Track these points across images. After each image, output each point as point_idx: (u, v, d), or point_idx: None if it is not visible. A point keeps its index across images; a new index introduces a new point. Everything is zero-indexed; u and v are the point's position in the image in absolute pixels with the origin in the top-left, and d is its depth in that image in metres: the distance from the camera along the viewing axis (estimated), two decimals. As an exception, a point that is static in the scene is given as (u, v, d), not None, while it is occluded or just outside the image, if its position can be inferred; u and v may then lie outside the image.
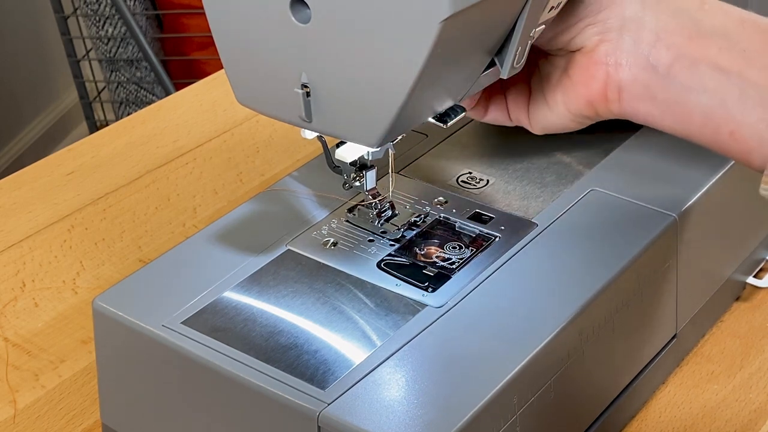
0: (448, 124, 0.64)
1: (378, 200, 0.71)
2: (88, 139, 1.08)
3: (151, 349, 0.65)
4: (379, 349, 0.62)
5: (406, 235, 0.70)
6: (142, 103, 2.37)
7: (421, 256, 0.69)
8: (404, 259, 0.69)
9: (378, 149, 0.65)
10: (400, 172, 0.77)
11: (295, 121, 0.62)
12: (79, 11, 2.31)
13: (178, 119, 1.09)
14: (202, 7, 0.62)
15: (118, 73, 2.36)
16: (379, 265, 0.68)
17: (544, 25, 0.61)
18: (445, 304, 0.65)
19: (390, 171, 0.72)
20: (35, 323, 0.84)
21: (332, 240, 0.71)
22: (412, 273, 0.67)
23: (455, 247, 0.70)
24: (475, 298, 0.65)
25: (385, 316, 0.64)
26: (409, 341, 0.62)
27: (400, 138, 0.65)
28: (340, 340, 0.63)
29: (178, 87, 1.98)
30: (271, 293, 0.67)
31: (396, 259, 0.69)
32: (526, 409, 0.61)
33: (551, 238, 0.70)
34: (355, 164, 0.69)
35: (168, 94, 2.18)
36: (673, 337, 0.75)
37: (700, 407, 0.74)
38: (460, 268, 0.68)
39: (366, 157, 0.68)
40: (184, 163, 1.02)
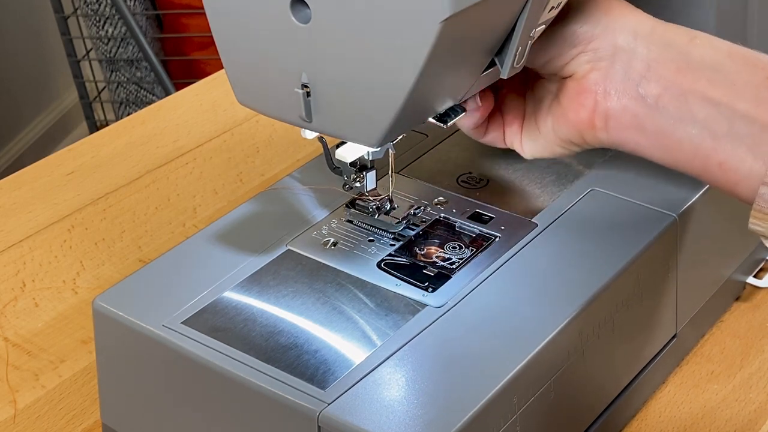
0: (448, 124, 0.64)
1: (378, 200, 0.71)
2: (88, 139, 1.08)
3: (151, 349, 0.65)
4: (379, 349, 0.62)
5: (406, 234, 0.70)
6: (142, 103, 2.37)
7: (421, 256, 0.69)
8: (404, 259, 0.69)
9: (378, 149, 0.65)
10: (400, 172, 0.77)
11: (295, 121, 0.62)
12: (79, 11, 2.31)
13: (178, 119, 1.09)
14: (202, 7, 0.62)
15: (118, 73, 2.36)
16: (379, 265, 0.68)
17: (544, 25, 0.61)
18: (445, 304, 0.65)
19: (390, 171, 0.72)
20: (35, 323, 0.84)
21: (332, 240, 0.71)
22: (412, 273, 0.67)
23: (455, 247, 0.70)
24: (475, 298, 0.65)
25: (385, 316, 0.64)
26: (409, 341, 0.62)
27: (400, 138, 0.65)
28: (340, 340, 0.63)
29: (178, 87, 1.98)
30: (271, 293, 0.67)
31: (396, 259, 0.69)
32: (526, 409, 0.61)
33: (551, 238, 0.70)
34: (355, 165, 0.69)
35: (168, 94, 2.17)
36: (673, 337, 0.75)
37: (700, 407, 0.74)
38: (460, 268, 0.68)
39: (366, 157, 0.68)
40: (184, 163, 1.02)
